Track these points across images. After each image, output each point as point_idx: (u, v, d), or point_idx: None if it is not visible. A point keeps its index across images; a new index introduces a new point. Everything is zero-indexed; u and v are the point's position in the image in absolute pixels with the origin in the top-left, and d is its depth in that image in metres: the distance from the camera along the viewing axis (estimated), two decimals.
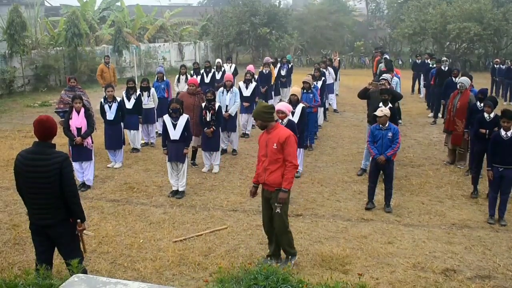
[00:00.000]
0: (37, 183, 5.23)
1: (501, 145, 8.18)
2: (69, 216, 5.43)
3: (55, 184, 5.21)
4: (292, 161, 6.44)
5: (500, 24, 31.80)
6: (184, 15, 42.34)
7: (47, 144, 5.35)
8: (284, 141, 6.44)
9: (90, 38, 30.08)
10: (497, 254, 7.22)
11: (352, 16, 47.67)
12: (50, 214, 5.33)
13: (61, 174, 5.20)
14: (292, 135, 6.54)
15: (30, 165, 5.24)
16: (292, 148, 6.48)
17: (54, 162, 5.20)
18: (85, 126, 9.69)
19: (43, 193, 5.26)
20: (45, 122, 5.34)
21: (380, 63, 18.65)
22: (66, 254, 5.49)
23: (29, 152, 5.32)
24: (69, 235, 5.50)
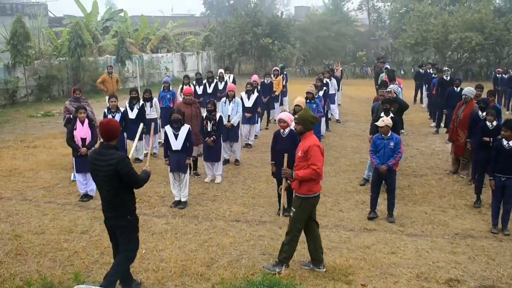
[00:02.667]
0: (100, 179, 5.87)
1: (503, 155, 8.18)
2: (127, 213, 6.03)
3: (113, 182, 5.78)
4: (315, 165, 6.54)
5: (501, 33, 31.85)
6: (187, 25, 42.50)
7: (108, 145, 5.87)
8: (307, 150, 6.60)
9: (93, 49, 30.19)
10: (501, 264, 7.19)
11: (354, 26, 47.74)
12: (111, 208, 5.99)
13: (118, 174, 5.73)
14: (315, 144, 6.63)
15: (94, 163, 5.86)
16: (315, 157, 6.57)
17: (110, 163, 5.72)
18: (90, 136, 9.71)
19: (104, 189, 5.90)
20: (106, 125, 5.91)
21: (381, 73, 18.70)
22: (122, 244, 6.12)
23: (95, 152, 5.98)
24: (126, 229, 6.07)
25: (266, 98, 16.35)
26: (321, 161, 6.65)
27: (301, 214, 6.80)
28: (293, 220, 6.82)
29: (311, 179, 6.64)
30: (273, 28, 36.81)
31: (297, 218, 6.80)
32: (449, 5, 39.58)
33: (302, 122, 6.75)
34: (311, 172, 6.56)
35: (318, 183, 6.82)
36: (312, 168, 6.54)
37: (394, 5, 44.27)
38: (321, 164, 6.63)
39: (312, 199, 6.83)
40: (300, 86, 20.12)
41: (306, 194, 6.73)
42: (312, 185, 6.72)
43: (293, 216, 6.81)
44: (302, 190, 6.73)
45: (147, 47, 34.44)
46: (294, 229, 6.83)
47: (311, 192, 6.74)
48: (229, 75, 18.66)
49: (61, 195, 10.18)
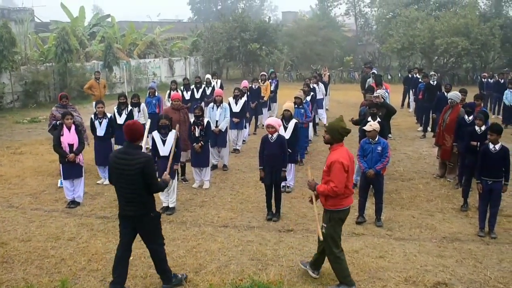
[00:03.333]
0: (123, 178, 6.06)
1: (489, 158, 8.25)
2: (149, 211, 6.25)
3: (138, 181, 6.01)
4: (332, 182, 6.27)
5: (487, 38, 32.16)
6: (175, 31, 42.44)
7: (135, 145, 6.16)
8: (330, 165, 6.34)
9: (80, 54, 30.05)
10: (488, 267, 7.24)
11: (341, 31, 48.02)
12: (133, 207, 6.15)
13: (143, 173, 5.98)
14: (338, 160, 6.27)
15: (118, 163, 6.08)
16: (334, 174, 6.27)
17: (137, 162, 5.97)
18: (77, 142, 9.65)
19: (128, 188, 6.07)
20: (131, 125, 6.16)
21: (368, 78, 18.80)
22: (147, 240, 6.41)
23: (120, 152, 6.23)
24: (149, 225, 6.32)
25: (254, 103, 16.37)
26: (341, 179, 6.26)
27: (333, 228, 6.51)
28: (327, 236, 6.51)
29: (327, 195, 6.39)
30: (261, 33, 36.88)
31: (330, 233, 6.50)
32: (435, 11, 39.92)
33: (330, 132, 6.45)
34: (328, 189, 6.29)
35: (347, 196, 6.50)
36: (330, 186, 6.27)
37: (381, 10, 44.61)
38: (340, 182, 6.24)
39: (340, 213, 6.52)
40: (288, 91, 20.15)
41: (333, 208, 6.46)
42: (337, 200, 6.43)
43: (326, 232, 6.51)
44: (328, 203, 6.49)
45: (135, 53, 34.35)
46: (333, 245, 6.52)
47: (338, 206, 6.45)
48: (216, 80, 18.66)
49: (48, 202, 10.10)
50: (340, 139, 6.45)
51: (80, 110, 14.03)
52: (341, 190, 6.28)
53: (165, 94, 16.41)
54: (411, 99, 21.30)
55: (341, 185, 6.26)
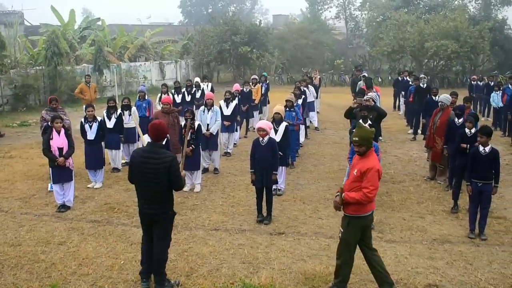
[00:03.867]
0: (147, 177, 6.24)
1: (479, 161, 8.29)
2: (169, 208, 6.50)
3: (162, 180, 6.21)
4: (367, 188, 6.07)
5: (476, 41, 32.39)
6: (165, 34, 42.39)
7: (159, 145, 6.39)
8: (365, 171, 6.12)
9: (71, 57, 29.92)
10: (478, 269, 7.27)
11: (331, 34, 48.14)
12: (155, 205, 6.36)
13: (169, 171, 6.19)
14: (375, 167, 6.12)
15: (143, 162, 6.26)
16: (370, 180, 6.08)
17: (163, 161, 6.19)
18: (67, 146, 9.60)
19: (151, 186, 6.27)
20: (157, 125, 6.40)
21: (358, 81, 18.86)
22: (159, 238, 6.53)
23: (144, 151, 6.39)
24: (166, 222, 6.55)
25: (245, 107, 16.38)
26: (376, 186, 6.14)
27: (350, 234, 6.32)
28: (342, 240, 6.40)
29: (359, 202, 6.15)
30: (252, 36, 36.91)
31: (345, 238, 6.35)
32: (425, 14, 40.19)
33: (365, 143, 6.23)
34: (361, 196, 6.06)
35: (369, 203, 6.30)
36: (364, 192, 6.06)
37: (371, 13, 44.83)
38: (375, 188, 6.10)
39: (361, 219, 6.31)
40: (279, 94, 20.18)
41: (354, 214, 6.26)
42: (359, 206, 6.22)
43: (341, 236, 6.39)
44: (350, 209, 6.27)
45: (125, 56, 34.26)
46: (345, 250, 6.38)
47: (359, 211, 6.24)
48: (207, 84, 18.66)
49: (38, 206, 10.04)
50: (371, 145, 6.34)
51: (70, 114, 14.01)
52: (374, 197, 6.16)
53: (155, 97, 16.39)
54: (401, 101, 21.41)
55: (376, 191, 6.15)
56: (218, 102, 14.27)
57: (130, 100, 13.15)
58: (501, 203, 10.18)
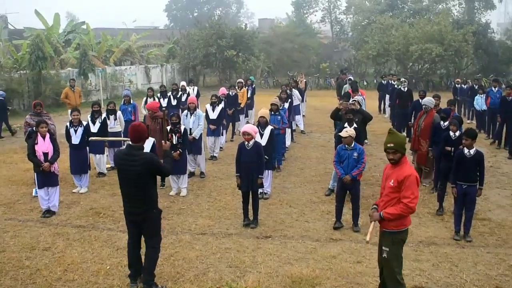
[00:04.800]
0: (129, 177, 6.36)
1: (464, 163, 8.36)
2: (154, 206, 6.58)
3: (143, 179, 6.34)
4: (407, 198, 5.70)
5: (460, 45, 32.74)
6: (151, 38, 42.27)
7: (137, 146, 6.42)
8: (402, 180, 5.76)
9: (55, 61, 29.73)
10: (463, 270, 7.32)
11: (317, 38, 48.39)
12: (138, 204, 6.46)
13: (150, 167, 6.33)
14: (413, 174, 5.78)
15: (123, 163, 6.40)
16: (410, 188, 5.70)
17: (141, 162, 6.28)
18: (52, 151, 9.52)
19: (133, 186, 6.36)
20: (136, 127, 6.46)
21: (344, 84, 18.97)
22: (149, 237, 6.66)
23: (124, 153, 6.51)
24: (154, 220, 6.63)
25: (231, 110, 16.37)
26: (417, 194, 5.77)
27: (398, 251, 5.99)
28: (390, 260, 5.97)
29: (401, 216, 5.80)
30: (237, 40, 36.95)
31: (395, 256, 5.96)
32: (410, 18, 40.56)
33: (401, 149, 5.88)
34: (402, 208, 5.71)
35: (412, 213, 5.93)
36: (404, 202, 5.70)
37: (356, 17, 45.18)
38: (415, 197, 5.73)
39: (403, 233, 6.01)
40: (265, 98, 20.19)
41: (396, 229, 5.92)
42: (402, 220, 5.89)
43: (388, 256, 5.96)
44: (392, 224, 5.89)
45: (110, 60, 34.10)
46: (396, 269, 5.98)
47: (401, 226, 5.91)
48: (193, 87, 18.63)
49: (23, 212, 9.94)
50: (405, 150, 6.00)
51: (55, 118, 13.90)
52: (415, 207, 5.77)
53: (141, 101, 16.33)
54: (387, 104, 21.54)
55: (417, 200, 5.77)
56: (204, 106, 14.24)
57: (115, 104, 13.10)
58: (486, 205, 10.26)
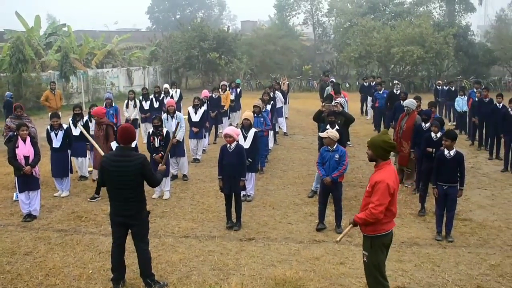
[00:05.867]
0: (121, 180, 6.31)
1: (445, 164, 8.44)
2: (143, 208, 6.60)
3: (136, 181, 6.36)
4: (373, 204, 5.62)
5: (441, 47, 33.05)
6: (133, 40, 42.12)
7: (129, 147, 6.47)
8: (374, 184, 5.72)
9: (36, 64, 29.46)
10: (445, 270, 7.39)
11: (299, 40, 48.50)
12: (130, 206, 6.44)
13: (142, 170, 6.33)
14: (384, 180, 5.62)
15: (115, 165, 6.32)
16: (377, 194, 5.61)
17: (135, 163, 6.31)
18: (33, 154, 9.42)
19: (126, 188, 6.34)
20: (125, 129, 6.47)
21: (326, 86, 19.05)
22: (139, 238, 6.64)
23: (115, 155, 6.50)
24: (143, 222, 6.64)
25: (213, 113, 16.34)
26: (383, 201, 5.61)
27: (376, 255, 5.87)
28: (368, 264, 5.93)
29: (367, 221, 5.71)
30: (220, 42, 36.94)
31: (372, 260, 5.88)
32: (391, 20, 40.88)
33: (372, 147, 5.85)
34: (367, 214, 5.66)
35: (388, 222, 5.84)
36: (369, 208, 5.65)
37: (338, 20, 45.34)
38: (381, 204, 5.59)
39: (383, 238, 5.86)
40: (248, 100, 20.21)
41: (374, 233, 5.82)
42: (377, 225, 5.77)
43: (367, 260, 5.92)
44: (368, 229, 5.82)
45: (92, 62, 33.89)
46: (377, 274, 5.90)
47: (379, 231, 5.79)
48: (175, 90, 18.58)
49: (3, 216, 9.82)
50: (385, 156, 5.85)
51: (36, 122, 13.75)
52: (380, 214, 5.61)
53: (123, 104, 16.24)
54: (369, 106, 21.68)
55: (382, 207, 5.60)
56: (187, 108, 14.20)
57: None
58: (467, 205, 10.37)
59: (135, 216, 6.50)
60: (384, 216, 5.70)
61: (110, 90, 28.77)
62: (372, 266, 5.89)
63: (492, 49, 38.61)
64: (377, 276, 5.89)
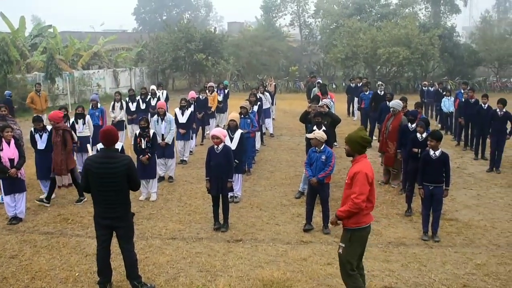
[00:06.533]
0: (107, 182, 6.26)
1: (430, 164, 8.50)
2: (128, 210, 6.56)
3: (122, 182, 6.32)
4: (355, 194, 5.83)
5: (427, 48, 33.28)
6: (119, 41, 41.87)
7: (114, 149, 6.48)
8: (352, 176, 5.94)
9: (21, 65, 29.21)
10: (432, 270, 7.43)
11: (286, 41, 48.52)
12: (115, 208, 6.39)
13: (128, 172, 6.32)
14: (361, 171, 5.88)
15: (101, 167, 6.27)
16: (357, 184, 5.84)
17: (122, 164, 6.29)
18: (18, 156, 9.33)
19: (112, 191, 6.29)
20: (108, 131, 6.45)
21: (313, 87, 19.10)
22: (125, 240, 6.59)
23: (100, 157, 6.45)
24: (129, 224, 6.61)
25: (200, 114, 16.31)
26: (363, 190, 5.84)
27: (353, 248, 6.04)
28: (343, 256, 6.06)
29: (352, 213, 5.90)
30: (207, 43, 36.88)
31: (348, 253, 6.03)
32: (377, 21, 41.07)
33: (349, 143, 6.11)
34: (349, 205, 5.85)
35: (368, 213, 6.05)
36: (351, 198, 5.84)
37: (324, 21, 45.44)
38: (362, 193, 5.82)
39: (363, 231, 6.05)
40: (235, 101, 20.20)
41: (355, 226, 5.99)
42: (360, 216, 5.96)
43: (342, 252, 6.06)
44: (350, 222, 5.98)
45: (78, 64, 33.66)
46: (347, 266, 6.04)
47: (360, 223, 5.97)
48: (162, 91, 18.51)
49: None
50: (361, 150, 6.12)
51: (21, 123, 13.64)
52: (362, 203, 5.84)
53: (109, 105, 16.16)
54: (355, 107, 21.75)
55: (363, 196, 5.83)
56: (173, 110, 14.16)
57: (84, 108, 12.91)
58: (453, 205, 10.45)
59: (121, 218, 6.46)
60: (365, 208, 5.95)
61: (97, 92, 28.58)
62: (346, 258, 6.05)
63: (477, 50, 38.98)
64: (347, 268, 6.06)
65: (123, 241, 6.60)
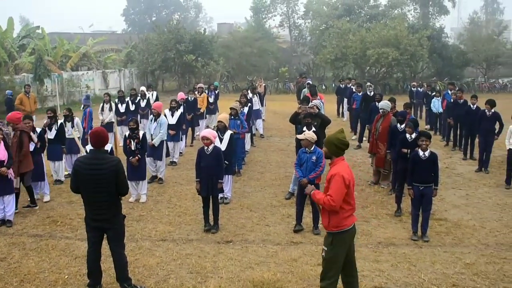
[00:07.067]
0: (95, 183, 6.25)
1: (419, 165, 8.53)
2: (119, 212, 6.58)
3: (111, 184, 6.28)
4: (330, 195, 5.76)
5: (415, 49, 33.45)
6: (108, 42, 41.73)
7: (103, 150, 6.48)
8: (329, 179, 5.89)
9: (9, 67, 29.04)
10: (421, 270, 7.46)
11: (276, 42, 48.58)
12: (106, 210, 6.38)
13: (117, 173, 6.29)
14: (337, 174, 5.82)
15: (89, 169, 6.27)
16: (333, 187, 5.78)
17: (110, 165, 6.27)
18: (7, 157, 9.26)
19: (100, 192, 6.28)
20: (98, 132, 6.41)
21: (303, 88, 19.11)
22: (115, 242, 6.56)
23: (89, 158, 6.43)
24: (119, 225, 6.59)
25: (189, 115, 16.28)
26: (339, 192, 5.76)
27: (335, 251, 5.97)
28: (326, 260, 6.02)
29: (323, 206, 5.91)
30: (196, 44, 36.81)
31: (331, 257, 5.97)
32: (366, 22, 41.21)
33: (327, 145, 6.13)
34: (325, 200, 5.81)
35: (349, 215, 5.98)
36: (327, 197, 5.79)
37: (314, 22, 45.60)
38: (337, 195, 5.75)
39: (344, 234, 5.96)
40: (225, 103, 20.15)
41: (336, 229, 5.92)
42: (340, 219, 5.89)
43: (325, 255, 6.01)
44: (331, 225, 5.93)
45: (68, 65, 33.50)
46: (330, 270, 6.00)
47: (341, 226, 5.91)
48: (152, 93, 18.47)
49: None
50: (338, 153, 6.10)
51: None
52: (337, 205, 5.77)
53: (98, 107, 16.09)
54: (345, 108, 21.78)
55: (338, 198, 5.76)
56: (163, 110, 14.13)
57: (71, 110, 12.81)
58: (442, 205, 10.50)
59: (111, 220, 6.44)
60: (344, 210, 5.89)
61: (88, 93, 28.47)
62: (329, 261, 5.99)
63: (465, 51, 39.29)
64: (329, 271, 6.00)
65: (113, 243, 6.57)
